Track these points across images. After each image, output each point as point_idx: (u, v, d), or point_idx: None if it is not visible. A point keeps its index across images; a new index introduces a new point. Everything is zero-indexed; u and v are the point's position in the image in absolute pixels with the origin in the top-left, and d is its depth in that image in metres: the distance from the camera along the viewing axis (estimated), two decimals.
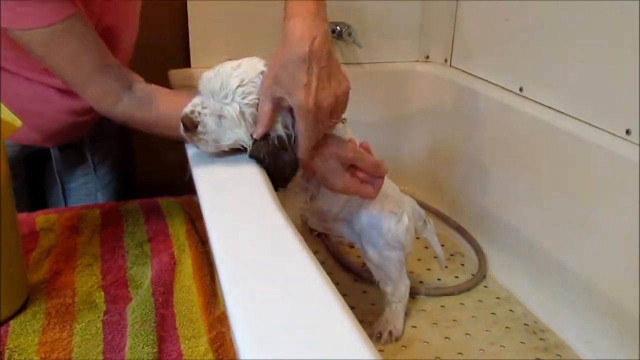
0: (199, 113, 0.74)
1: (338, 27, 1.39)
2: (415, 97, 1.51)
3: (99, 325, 0.63)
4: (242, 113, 0.74)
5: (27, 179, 0.97)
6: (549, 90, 1.16)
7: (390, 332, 1.05)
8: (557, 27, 1.13)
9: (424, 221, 1.06)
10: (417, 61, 1.53)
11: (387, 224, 0.98)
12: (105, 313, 0.65)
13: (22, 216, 0.84)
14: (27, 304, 0.66)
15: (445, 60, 1.49)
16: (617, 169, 0.99)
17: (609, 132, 1.02)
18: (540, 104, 1.18)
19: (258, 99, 0.74)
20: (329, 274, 0.54)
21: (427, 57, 1.52)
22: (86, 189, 1.06)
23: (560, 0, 1.11)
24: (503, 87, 1.28)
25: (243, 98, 0.74)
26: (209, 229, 0.61)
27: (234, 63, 0.76)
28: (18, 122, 0.60)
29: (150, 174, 1.33)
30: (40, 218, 0.84)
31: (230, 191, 0.70)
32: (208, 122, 0.74)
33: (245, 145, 0.76)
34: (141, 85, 0.79)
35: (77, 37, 0.74)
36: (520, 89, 1.23)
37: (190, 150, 0.79)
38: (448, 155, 1.46)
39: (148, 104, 0.78)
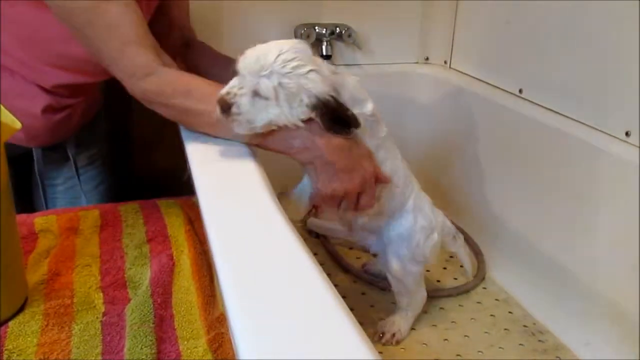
0: (235, 94, 0.74)
1: (338, 29, 1.39)
2: (415, 98, 1.51)
3: (98, 326, 0.63)
4: (279, 85, 0.73)
5: (13, 182, 0.98)
6: (549, 92, 1.16)
7: (393, 334, 1.05)
8: (556, 29, 1.13)
9: (453, 236, 1.06)
10: (417, 63, 1.53)
11: (417, 239, 0.98)
12: (104, 314, 0.65)
13: (21, 217, 0.84)
14: (26, 305, 0.65)
15: (445, 62, 1.49)
16: (617, 171, 0.99)
17: (609, 134, 1.02)
18: (540, 105, 1.18)
19: (300, 65, 0.74)
20: (328, 275, 0.54)
21: (427, 58, 1.52)
22: (73, 192, 1.06)
23: (560, 2, 1.11)
24: (502, 89, 1.28)
25: (283, 67, 0.73)
26: (208, 230, 0.61)
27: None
28: (18, 125, 0.60)
29: (149, 175, 1.33)
30: (39, 219, 0.84)
31: (229, 192, 0.70)
32: (242, 103, 0.73)
33: (280, 125, 0.75)
34: (174, 66, 0.80)
35: (121, 5, 0.74)
36: (520, 91, 1.23)
37: (190, 151, 0.79)
38: (447, 157, 1.46)
39: (180, 78, 0.78)
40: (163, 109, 0.79)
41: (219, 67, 1.01)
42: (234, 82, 0.76)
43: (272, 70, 0.73)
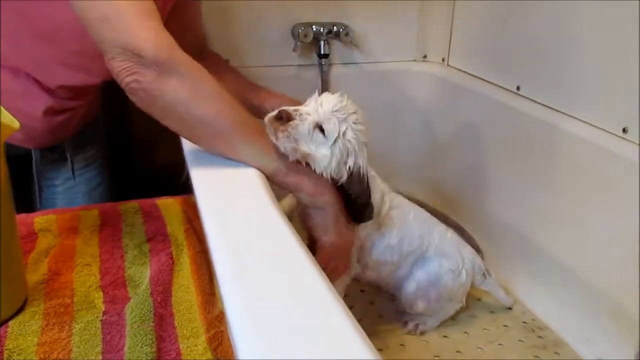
0: (301, 114, 0.76)
1: (335, 27, 1.39)
2: (413, 96, 1.51)
3: (98, 325, 0.63)
4: (343, 135, 0.77)
5: (12, 182, 0.98)
6: (546, 89, 1.16)
7: (417, 325, 1.07)
8: (553, 26, 1.13)
9: (483, 274, 1.08)
10: (415, 61, 1.53)
11: (445, 281, 1.00)
12: (104, 313, 0.65)
13: (21, 217, 0.84)
14: (26, 305, 0.66)
15: (443, 60, 1.49)
16: (614, 167, 0.99)
17: (606, 131, 1.02)
18: (537, 102, 1.18)
19: (363, 132, 0.80)
20: None
21: (425, 56, 1.52)
22: (72, 193, 1.06)
23: (557, 0, 1.11)
24: (500, 86, 1.29)
25: (355, 123, 0.79)
26: (206, 229, 0.61)
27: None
28: (16, 124, 0.60)
29: (148, 174, 1.33)
30: (39, 219, 0.84)
31: (227, 191, 0.70)
32: (302, 126, 0.76)
33: (315, 166, 0.77)
34: None
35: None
36: (518, 88, 1.23)
37: (188, 150, 0.79)
38: (446, 153, 1.46)
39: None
40: (177, 84, 0.68)
41: (227, 81, 0.99)
42: (303, 108, 0.78)
43: (348, 118, 0.78)
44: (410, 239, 0.98)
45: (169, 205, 0.89)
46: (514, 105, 1.22)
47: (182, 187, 0.82)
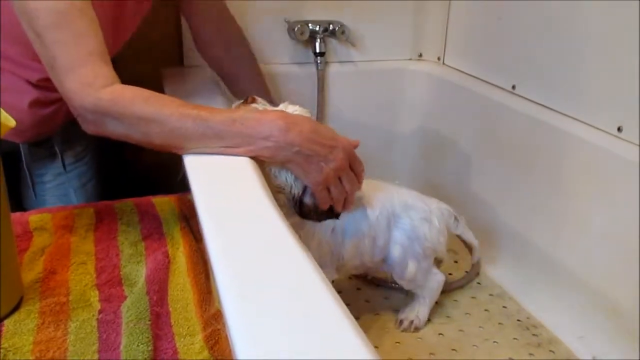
0: (262, 102, 0.86)
1: (331, 26, 1.39)
2: (409, 95, 1.51)
3: (94, 323, 0.63)
4: None
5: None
6: (541, 88, 1.17)
7: (412, 322, 1.08)
8: (549, 25, 1.13)
9: (455, 218, 1.09)
10: (410, 59, 1.53)
11: (423, 233, 1.00)
12: (99, 312, 0.65)
13: (16, 216, 0.83)
14: (22, 304, 0.65)
15: (438, 59, 1.49)
16: (609, 166, 1.00)
17: (601, 130, 1.03)
18: (533, 101, 1.18)
19: None
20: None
21: (420, 55, 1.53)
22: (63, 189, 1.05)
23: (552, 0, 1.12)
24: (496, 85, 1.29)
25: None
26: (203, 227, 0.61)
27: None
28: (12, 122, 0.60)
29: (144, 172, 1.33)
30: (34, 217, 0.84)
31: (224, 189, 0.70)
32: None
33: None
34: None
35: (88, 19, 0.75)
36: (513, 87, 1.24)
37: None
38: (441, 152, 1.47)
39: (141, 89, 0.75)
40: (114, 123, 0.74)
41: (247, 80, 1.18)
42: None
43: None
44: (370, 204, 0.97)
45: (164, 204, 0.89)
46: (510, 104, 1.22)
47: (179, 185, 0.82)
